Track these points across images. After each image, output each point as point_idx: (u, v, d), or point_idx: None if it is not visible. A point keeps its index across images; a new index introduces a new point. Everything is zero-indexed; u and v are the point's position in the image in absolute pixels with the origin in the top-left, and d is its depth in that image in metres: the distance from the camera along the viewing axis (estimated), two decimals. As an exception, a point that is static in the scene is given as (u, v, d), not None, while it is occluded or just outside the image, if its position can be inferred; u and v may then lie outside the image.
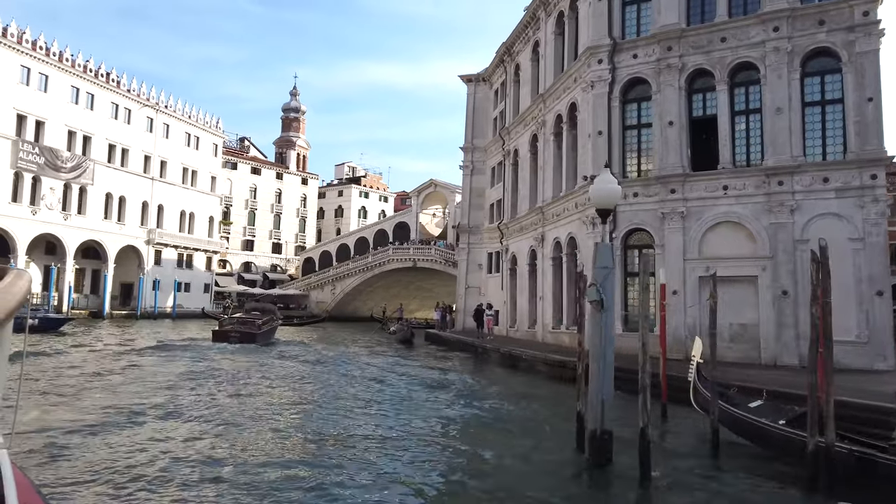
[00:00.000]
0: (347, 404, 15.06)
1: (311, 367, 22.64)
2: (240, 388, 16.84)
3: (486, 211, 38.90)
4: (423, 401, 16.13)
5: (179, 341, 30.69)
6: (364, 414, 13.96)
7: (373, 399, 15.98)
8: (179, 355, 24.48)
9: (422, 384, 18.98)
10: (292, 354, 26.96)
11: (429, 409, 15.02)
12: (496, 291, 35.74)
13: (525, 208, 31.63)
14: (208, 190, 69.16)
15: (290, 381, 18.89)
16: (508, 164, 34.66)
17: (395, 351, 30.76)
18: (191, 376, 18.79)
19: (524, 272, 31.42)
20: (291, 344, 33.08)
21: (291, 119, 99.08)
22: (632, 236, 23.14)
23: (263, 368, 21.67)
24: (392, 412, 14.21)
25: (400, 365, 24.50)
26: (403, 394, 17.04)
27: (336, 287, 72.32)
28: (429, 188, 71.75)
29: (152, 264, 60.80)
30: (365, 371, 21.73)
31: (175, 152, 63.96)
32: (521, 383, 19.46)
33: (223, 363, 22.72)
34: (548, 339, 27.79)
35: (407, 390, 17.67)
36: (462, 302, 38.95)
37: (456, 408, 15.27)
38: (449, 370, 23.34)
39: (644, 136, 23.41)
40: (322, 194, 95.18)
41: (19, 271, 2.28)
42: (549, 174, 28.42)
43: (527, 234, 31.05)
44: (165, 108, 62.62)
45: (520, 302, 31.91)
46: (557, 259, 27.59)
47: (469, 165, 39.68)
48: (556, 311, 27.38)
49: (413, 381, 19.65)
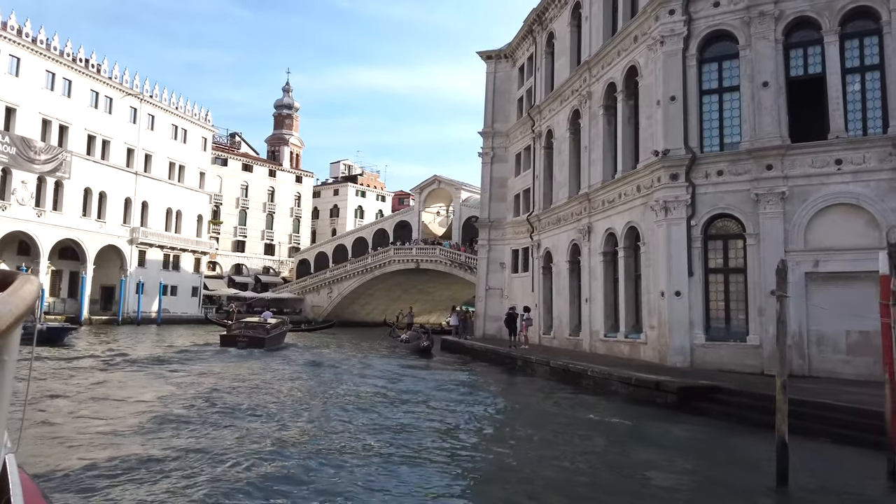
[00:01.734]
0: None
1: (304, 393, 17.56)
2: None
3: (509, 203, 34.60)
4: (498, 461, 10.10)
5: (189, 349, 29.27)
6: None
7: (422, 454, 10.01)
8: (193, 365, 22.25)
9: (473, 421, 13.39)
10: (286, 374, 22.28)
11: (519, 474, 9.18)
12: (524, 294, 31.48)
13: (563, 196, 27.39)
14: (196, 186, 64.58)
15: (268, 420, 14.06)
16: (539, 147, 30.42)
17: (411, 362, 26.30)
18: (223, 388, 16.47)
19: (562, 270, 27.19)
20: (297, 349, 31.21)
21: (284, 116, 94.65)
22: (714, 224, 18.95)
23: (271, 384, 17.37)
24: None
25: (420, 380, 20.13)
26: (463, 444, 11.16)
27: (333, 290, 68.06)
28: (432, 185, 67.49)
29: (135, 266, 56.20)
30: (383, 397, 16.66)
31: (161, 145, 59.39)
32: (606, 412, 14.19)
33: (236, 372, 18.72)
34: (597, 349, 23.55)
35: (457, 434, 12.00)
36: (482, 305, 34.60)
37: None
38: (495, 392, 18.30)
39: (728, 103, 19.24)
40: (317, 193, 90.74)
41: (27, 276, 2.09)
42: (597, 155, 24.21)
43: (566, 226, 26.82)
44: (150, 98, 58.09)
45: (557, 305, 27.67)
46: (610, 254, 23.39)
47: (489, 152, 35.33)
48: (610, 315, 23.15)
49: (453, 411, 14.34)
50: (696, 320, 18.53)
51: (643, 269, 20.68)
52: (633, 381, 15.14)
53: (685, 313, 18.54)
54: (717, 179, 18.69)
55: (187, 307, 61.24)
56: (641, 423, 12.97)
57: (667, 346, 18.82)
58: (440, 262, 60.36)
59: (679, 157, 18.96)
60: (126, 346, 30.08)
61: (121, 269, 55.05)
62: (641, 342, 20.53)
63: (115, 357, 24.01)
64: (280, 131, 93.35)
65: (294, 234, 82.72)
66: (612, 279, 23.27)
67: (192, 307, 62.08)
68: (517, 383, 20.43)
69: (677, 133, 19.21)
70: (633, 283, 21.81)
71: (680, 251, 18.73)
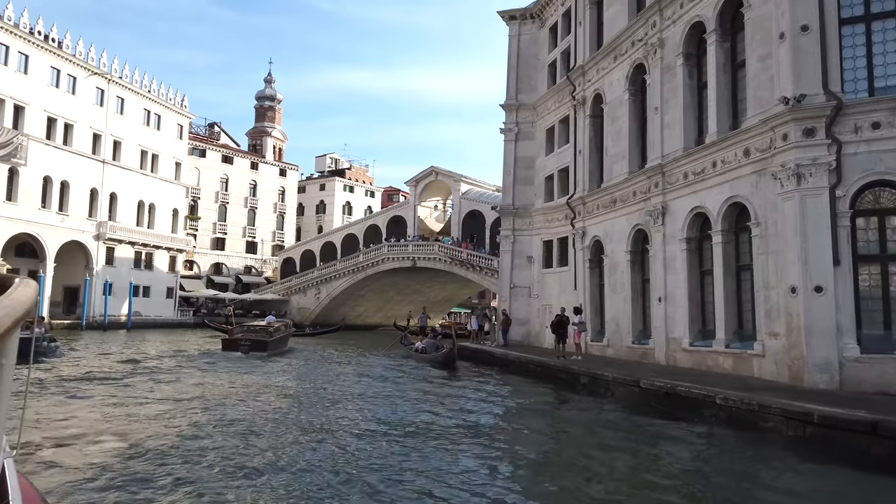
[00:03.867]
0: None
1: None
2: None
3: (538, 186, 29.54)
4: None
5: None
6: None
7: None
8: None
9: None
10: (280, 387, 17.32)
11: None
12: (561, 292, 26.52)
13: (621, 172, 22.42)
14: (172, 178, 58.91)
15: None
16: (582, 116, 25.44)
17: (433, 379, 21.09)
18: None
19: (620, 263, 22.23)
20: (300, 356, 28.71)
21: (266, 108, 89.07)
22: (867, 195, 14.09)
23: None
24: None
25: (458, 411, 15.02)
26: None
27: (321, 291, 62.76)
28: (429, 176, 62.36)
29: (103, 264, 50.49)
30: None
31: (131, 131, 53.69)
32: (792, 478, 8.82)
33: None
34: (678, 361, 18.58)
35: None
36: (506, 307, 29.51)
37: None
38: (589, 445, 11.47)
39: (879, 35, 14.41)
40: (302, 189, 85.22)
41: (25, 280, 2.24)
42: (674, 116, 19.28)
43: (626, 207, 21.87)
44: (119, 79, 52.39)
45: (612, 306, 22.70)
46: (696, 240, 18.48)
47: (513, 128, 30.22)
48: (696, 318, 18.21)
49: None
50: (844, 325, 13.64)
51: (756, 258, 15.75)
52: (816, 418, 10.10)
53: (829, 316, 13.66)
54: (873, 135, 13.84)
55: (161, 310, 55.55)
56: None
57: (801, 360, 13.92)
58: (439, 259, 55.31)
59: (817, 106, 14.10)
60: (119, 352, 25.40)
61: (86, 267, 49.41)
62: (755, 354, 15.57)
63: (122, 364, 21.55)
64: (262, 124, 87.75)
65: (278, 231, 77.16)
66: (699, 272, 18.36)
67: (166, 310, 56.40)
68: (597, 413, 15.12)
69: (812, 74, 14.34)
70: (734, 275, 16.90)
71: (820, 232, 13.86)
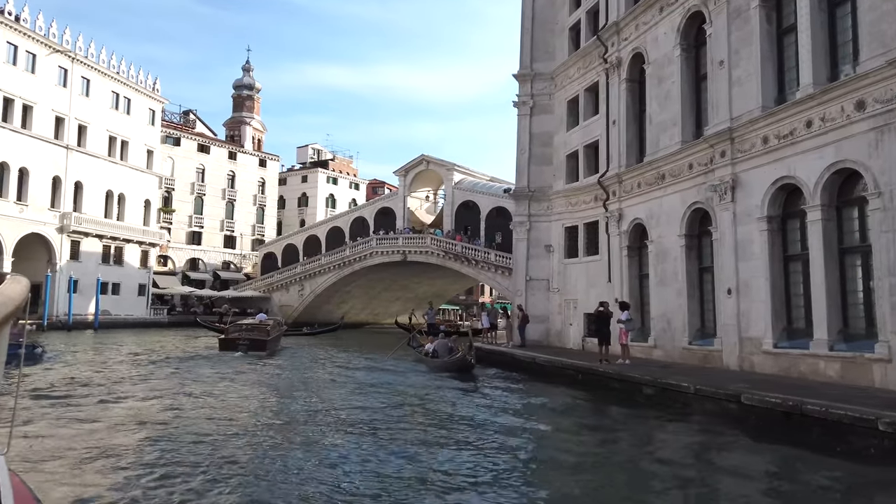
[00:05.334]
0: None
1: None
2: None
3: (558, 166, 26.10)
4: None
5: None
6: None
7: None
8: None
9: None
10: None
11: None
12: (589, 284, 23.19)
13: (672, 142, 19.02)
14: (143, 166, 54.72)
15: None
16: (617, 82, 22.05)
17: (453, 390, 17.55)
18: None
19: (671, 249, 18.88)
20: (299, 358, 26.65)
21: (244, 97, 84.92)
22: None
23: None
24: None
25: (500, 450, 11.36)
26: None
27: (304, 287, 59.06)
28: (419, 165, 58.72)
29: (67, 259, 46.31)
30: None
31: (98, 116, 49.45)
32: None
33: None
34: (757, 366, 15.27)
35: None
36: (522, 301, 26.09)
37: None
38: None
39: None
40: (283, 180, 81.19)
41: (16, 276, 2.21)
42: (746, 70, 15.92)
43: (679, 183, 18.52)
44: (85, 58, 48.14)
45: (659, 300, 19.30)
46: (779, 218, 15.21)
47: (527, 101, 26.73)
48: (781, 313, 14.94)
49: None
50: None
51: (878, 237, 12.47)
52: None
53: None
54: None
55: (133, 308, 51.43)
56: None
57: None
58: (431, 253, 51.89)
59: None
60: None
61: (48, 262, 45.24)
62: (878, 359, 12.30)
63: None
64: (240, 114, 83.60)
65: (258, 224, 73.08)
66: (782, 257, 15.10)
67: (138, 308, 52.27)
68: (697, 441, 11.41)
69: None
70: (836, 261, 13.63)
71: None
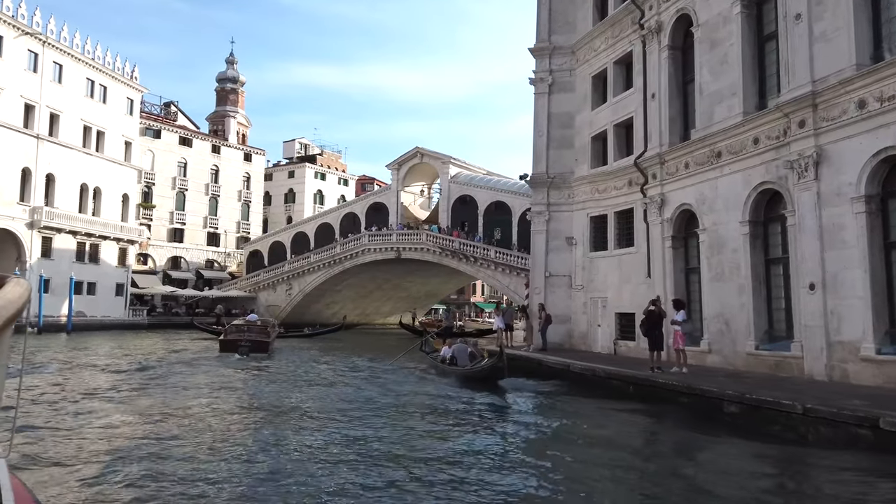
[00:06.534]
0: None
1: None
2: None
3: (581, 149, 23.37)
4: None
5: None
6: None
7: None
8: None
9: None
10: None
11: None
12: (621, 281, 20.62)
13: (730, 114, 16.17)
14: (121, 159, 51.65)
15: None
16: (657, 49, 19.33)
17: (480, 406, 14.70)
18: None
19: (733, 238, 16.11)
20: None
21: (228, 91, 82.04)
22: None
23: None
24: None
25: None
26: None
27: (293, 286, 56.32)
28: (413, 158, 56.12)
29: (38, 256, 43.29)
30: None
31: (72, 104, 46.38)
32: None
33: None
34: (856, 377, 12.47)
35: None
36: (542, 299, 23.47)
37: None
38: None
39: None
40: (269, 176, 78.23)
41: (18, 279, 2.21)
42: (837, 21, 13.14)
43: (740, 161, 15.80)
44: (58, 42, 45.06)
45: (716, 298, 16.50)
46: (880, 198, 12.65)
47: (545, 78, 24.10)
48: (883, 313, 12.35)
49: None
50: None
51: None
52: None
53: None
54: None
55: (109, 309, 48.36)
56: None
57: None
58: (427, 250, 49.32)
59: None
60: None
61: (17, 260, 42.24)
62: None
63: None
64: (224, 107, 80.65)
65: (243, 221, 70.06)
66: (882, 245, 12.60)
67: (115, 309, 49.20)
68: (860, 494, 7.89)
69: None
70: None
71: None
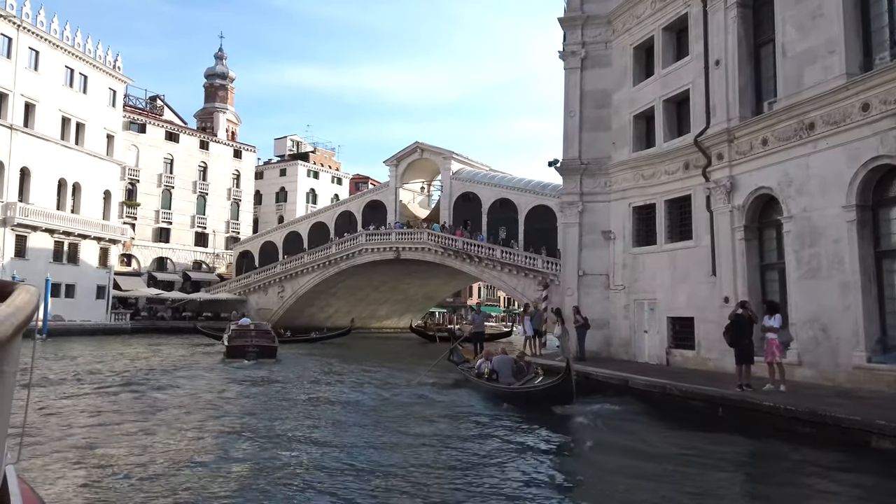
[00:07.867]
0: None
1: None
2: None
3: (620, 130, 20.54)
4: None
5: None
6: None
7: None
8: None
9: None
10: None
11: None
12: (674, 280, 17.89)
13: (826, 77, 12.97)
14: (103, 153, 48.54)
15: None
16: (724, 8, 16.18)
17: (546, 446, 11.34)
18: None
19: (832, 227, 13.10)
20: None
21: (217, 87, 79.05)
22: None
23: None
24: None
25: None
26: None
27: (285, 289, 53.44)
28: (412, 154, 53.33)
29: (11, 256, 40.18)
30: None
31: (49, 93, 43.27)
32: None
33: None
34: None
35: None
36: (575, 301, 20.67)
37: None
38: None
39: None
40: (260, 174, 75.28)
41: (26, 286, 2.18)
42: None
43: (841, 133, 12.72)
44: (33, 27, 42.02)
45: (808, 299, 13.40)
46: None
47: (577, 51, 21.30)
48: None
49: None
50: None
51: None
52: None
53: None
54: None
55: (89, 313, 45.20)
56: None
57: None
58: (428, 249, 46.50)
59: None
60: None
61: (-12, 260, 39.15)
62: None
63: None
64: (212, 104, 77.64)
65: (233, 221, 67.02)
66: None
67: (96, 313, 46.05)
68: None
69: None
70: None
71: None
